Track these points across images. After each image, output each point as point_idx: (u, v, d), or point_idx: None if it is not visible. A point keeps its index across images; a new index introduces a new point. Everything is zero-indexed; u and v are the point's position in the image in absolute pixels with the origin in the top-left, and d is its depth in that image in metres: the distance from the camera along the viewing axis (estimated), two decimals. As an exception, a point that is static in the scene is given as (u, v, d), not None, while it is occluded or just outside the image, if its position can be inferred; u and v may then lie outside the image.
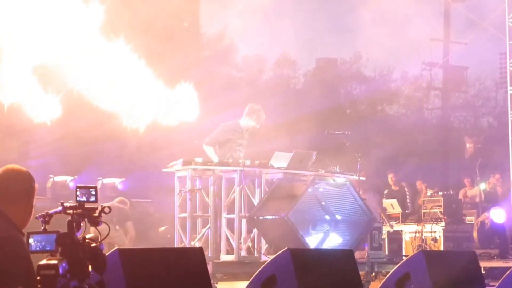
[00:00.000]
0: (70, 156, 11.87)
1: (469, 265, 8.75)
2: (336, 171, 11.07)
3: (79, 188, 4.39)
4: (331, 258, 8.01)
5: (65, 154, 11.86)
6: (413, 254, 8.71)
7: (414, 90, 28.80)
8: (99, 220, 4.43)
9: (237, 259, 10.37)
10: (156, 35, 13.33)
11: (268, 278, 7.37)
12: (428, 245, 14.19)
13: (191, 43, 17.81)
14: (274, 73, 28.94)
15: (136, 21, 9.41)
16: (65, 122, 8.34)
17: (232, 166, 10.47)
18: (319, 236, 10.68)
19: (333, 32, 26.94)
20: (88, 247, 4.44)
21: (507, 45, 16.13)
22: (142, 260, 6.54)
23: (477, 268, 8.94)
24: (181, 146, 12.79)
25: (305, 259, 7.67)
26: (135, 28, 8.59)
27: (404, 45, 25.96)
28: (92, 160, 11.71)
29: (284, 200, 10.43)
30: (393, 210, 15.27)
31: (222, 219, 10.59)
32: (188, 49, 15.80)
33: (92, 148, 11.25)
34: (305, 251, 8.84)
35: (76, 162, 12.14)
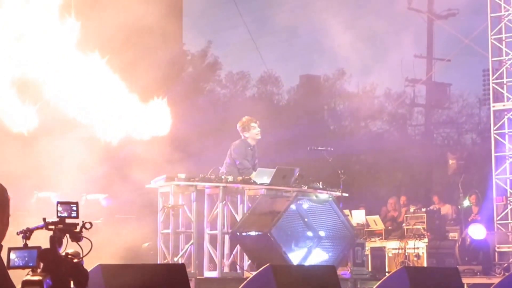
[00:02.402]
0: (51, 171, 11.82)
1: (451, 281, 8.78)
2: (319, 187, 11.08)
3: (60, 203, 4.39)
4: (314, 274, 8.02)
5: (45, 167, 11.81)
6: (396, 270, 8.72)
7: (397, 106, 28.94)
8: (81, 236, 4.43)
9: (220, 275, 10.36)
10: (136, 51, 13.35)
11: (251, 294, 7.37)
12: (411, 262, 14.21)
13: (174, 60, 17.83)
14: (258, 90, 29.02)
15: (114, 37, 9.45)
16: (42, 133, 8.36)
17: (214, 182, 10.47)
18: (302, 252, 10.68)
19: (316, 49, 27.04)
20: (70, 262, 4.44)
21: (490, 62, 16.25)
22: (124, 276, 6.52)
23: (460, 284, 8.98)
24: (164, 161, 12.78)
25: (287, 275, 7.68)
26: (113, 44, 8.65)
27: (387, 61, 26.09)
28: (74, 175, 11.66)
29: (267, 216, 10.43)
30: (376, 227, 15.30)
31: (205, 235, 10.57)
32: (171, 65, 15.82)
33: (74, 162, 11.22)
34: (287, 268, 8.84)
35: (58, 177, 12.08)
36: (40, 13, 7.33)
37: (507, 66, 15.88)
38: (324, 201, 10.89)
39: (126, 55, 11.71)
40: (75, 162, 10.83)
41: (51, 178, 11.98)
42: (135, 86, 8.08)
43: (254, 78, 28.69)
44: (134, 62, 12.70)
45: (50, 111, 7.36)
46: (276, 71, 28.80)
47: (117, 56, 8.14)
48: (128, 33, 11.77)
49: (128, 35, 12.23)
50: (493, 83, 16.11)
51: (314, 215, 10.90)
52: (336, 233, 10.88)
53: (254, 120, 11.22)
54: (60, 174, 11.71)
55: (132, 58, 12.59)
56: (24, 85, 7.26)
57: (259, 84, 29.04)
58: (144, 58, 14.42)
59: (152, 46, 15.83)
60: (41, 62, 7.25)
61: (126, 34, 11.07)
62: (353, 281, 10.81)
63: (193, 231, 10.44)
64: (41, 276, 4.28)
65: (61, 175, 11.69)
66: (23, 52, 7.19)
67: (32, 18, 7.28)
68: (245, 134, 11.19)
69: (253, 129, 11.14)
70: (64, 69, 7.35)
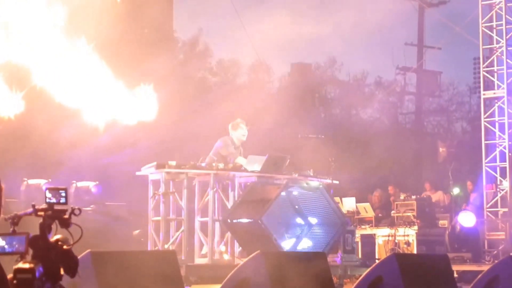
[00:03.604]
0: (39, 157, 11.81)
1: (441, 268, 8.80)
2: (309, 175, 11.10)
3: (49, 189, 4.36)
4: (304, 261, 8.02)
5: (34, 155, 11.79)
6: (386, 257, 8.73)
7: (388, 94, 28.96)
8: (70, 222, 4.41)
9: (210, 262, 10.37)
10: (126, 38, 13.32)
11: (241, 280, 7.38)
12: (401, 249, 14.26)
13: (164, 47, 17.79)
14: (249, 78, 28.99)
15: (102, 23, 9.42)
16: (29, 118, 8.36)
17: (205, 169, 10.48)
18: (293, 239, 10.70)
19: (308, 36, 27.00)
20: (60, 249, 4.43)
21: (481, 50, 16.26)
22: (114, 262, 6.53)
23: (449, 271, 8.99)
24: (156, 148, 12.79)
25: (277, 261, 7.69)
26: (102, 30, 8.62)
27: (378, 49, 26.13)
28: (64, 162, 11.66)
29: (258, 204, 10.45)
30: (366, 214, 15.35)
31: (196, 222, 10.58)
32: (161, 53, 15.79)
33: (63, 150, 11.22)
34: (277, 254, 8.86)
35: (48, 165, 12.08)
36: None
37: (498, 54, 15.90)
38: (314, 189, 10.91)
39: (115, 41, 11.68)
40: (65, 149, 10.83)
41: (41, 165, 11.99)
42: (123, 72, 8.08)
43: (245, 66, 28.66)
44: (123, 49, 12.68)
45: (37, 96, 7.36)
46: (267, 59, 28.78)
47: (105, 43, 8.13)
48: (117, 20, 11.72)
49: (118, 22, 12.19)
50: (483, 71, 16.13)
51: (305, 202, 10.92)
52: (326, 220, 10.91)
53: (244, 123, 11.40)
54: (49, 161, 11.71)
55: (121, 45, 12.57)
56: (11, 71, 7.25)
57: (250, 72, 29.02)
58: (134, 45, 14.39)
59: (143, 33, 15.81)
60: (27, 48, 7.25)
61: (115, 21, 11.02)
62: (343, 267, 10.85)
63: (183, 218, 10.45)
64: (33, 263, 4.27)
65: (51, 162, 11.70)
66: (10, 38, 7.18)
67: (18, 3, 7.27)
68: (232, 132, 11.28)
69: (240, 129, 11.31)
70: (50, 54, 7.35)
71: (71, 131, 9.75)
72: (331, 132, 23.07)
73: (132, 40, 14.36)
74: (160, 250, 9.86)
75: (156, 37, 17.19)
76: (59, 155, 13.89)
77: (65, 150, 13.85)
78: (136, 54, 14.63)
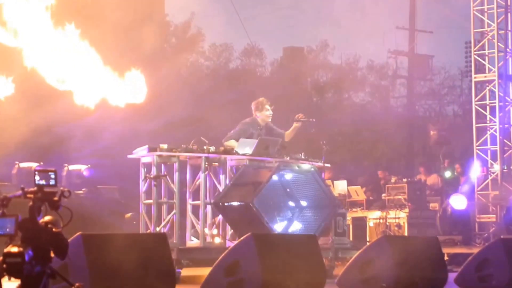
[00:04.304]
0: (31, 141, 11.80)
1: (431, 251, 8.85)
2: (301, 158, 11.12)
3: (38, 171, 4.35)
4: (295, 243, 8.07)
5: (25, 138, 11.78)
6: (376, 239, 8.78)
7: (379, 78, 28.98)
8: (59, 204, 4.41)
9: (202, 245, 10.40)
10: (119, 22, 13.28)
11: (232, 263, 7.41)
12: (392, 231, 14.33)
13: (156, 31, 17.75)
14: (241, 62, 28.94)
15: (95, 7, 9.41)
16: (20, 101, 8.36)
17: (197, 153, 10.48)
18: (284, 222, 10.73)
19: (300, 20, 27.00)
20: (50, 232, 4.43)
21: (472, 33, 16.28)
22: (104, 245, 6.55)
23: (440, 253, 9.05)
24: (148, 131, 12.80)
25: (268, 244, 7.72)
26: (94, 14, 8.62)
27: (370, 33, 26.09)
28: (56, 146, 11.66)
29: (249, 187, 10.46)
30: (357, 197, 15.40)
31: (188, 205, 10.60)
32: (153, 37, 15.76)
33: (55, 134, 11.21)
34: (268, 236, 8.88)
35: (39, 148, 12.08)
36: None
37: (489, 37, 15.92)
38: (306, 172, 10.93)
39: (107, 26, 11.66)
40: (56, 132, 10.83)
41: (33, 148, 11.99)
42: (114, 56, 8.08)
43: (237, 50, 28.61)
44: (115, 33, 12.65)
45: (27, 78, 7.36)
46: (259, 43, 28.73)
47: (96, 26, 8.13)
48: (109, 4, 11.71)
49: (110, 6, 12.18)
50: (475, 55, 16.15)
51: (296, 186, 10.94)
52: (318, 203, 10.93)
53: (269, 103, 11.40)
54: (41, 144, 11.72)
55: (112, 29, 12.53)
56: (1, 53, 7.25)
57: (243, 56, 28.97)
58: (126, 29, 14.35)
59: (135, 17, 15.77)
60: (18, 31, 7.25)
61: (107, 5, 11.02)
62: (334, 250, 10.89)
63: (175, 201, 10.46)
64: (22, 247, 4.28)
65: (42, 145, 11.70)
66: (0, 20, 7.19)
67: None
68: (257, 113, 11.36)
69: (265, 111, 11.33)
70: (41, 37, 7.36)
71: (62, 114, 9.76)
72: (323, 115, 23.08)
73: (124, 24, 14.32)
74: (151, 233, 9.87)
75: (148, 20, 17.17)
76: (51, 139, 13.89)
77: (57, 134, 13.85)
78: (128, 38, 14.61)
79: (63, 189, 4.41)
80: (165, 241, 7.05)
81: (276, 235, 9.66)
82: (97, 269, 6.31)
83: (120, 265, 6.44)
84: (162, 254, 6.87)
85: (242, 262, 7.33)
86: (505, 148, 15.62)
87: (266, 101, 11.47)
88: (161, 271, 6.76)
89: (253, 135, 11.26)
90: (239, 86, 18.17)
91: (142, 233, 10.03)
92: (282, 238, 8.89)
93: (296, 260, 7.65)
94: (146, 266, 6.63)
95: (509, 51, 15.84)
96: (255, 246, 7.38)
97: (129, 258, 6.52)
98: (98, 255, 6.39)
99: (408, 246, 8.80)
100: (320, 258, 8.02)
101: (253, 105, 11.50)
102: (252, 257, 7.33)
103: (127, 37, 14.16)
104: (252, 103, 11.53)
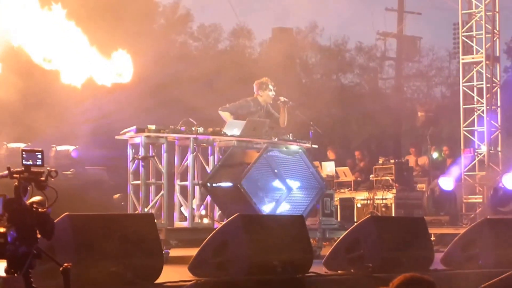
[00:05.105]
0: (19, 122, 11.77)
1: (418, 231, 8.90)
2: (289, 139, 11.14)
3: (25, 151, 4.35)
4: (282, 224, 8.09)
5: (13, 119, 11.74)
6: (363, 219, 8.82)
7: (368, 59, 28.98)
8: (46, 184, 4.41)
9: (190, 225, 10.42)
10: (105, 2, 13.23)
11: (220, 243, 7.44)
12: (380, 212, 14.39)
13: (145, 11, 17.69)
14: (230, 43, 28.89)
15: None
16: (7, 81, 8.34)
17: (185, 133, 10.48)
18: (272, 203, 10.76)
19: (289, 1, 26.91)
20: (36, 212, 4.43)
21: (460, 14, 16.29)
22: (92, 225, 6.55)
23: (426, 233, 9.10)
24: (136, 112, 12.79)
25: (255, 224, 7.75)
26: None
27: (358, 14, 26.07)
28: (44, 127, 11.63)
29: (237, 168, 10.48)
30: (345, 178, 15.45)
31: (176, 186, 10.61)
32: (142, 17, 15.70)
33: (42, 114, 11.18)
34: (255, 217, 8.91)
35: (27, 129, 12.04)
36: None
37: (477, 19, 15.94)
38: (294, 153, 10.95)
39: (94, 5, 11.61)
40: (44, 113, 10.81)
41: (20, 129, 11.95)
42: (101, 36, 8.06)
43: (226, 31, 28.56)
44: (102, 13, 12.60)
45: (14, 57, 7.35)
46: (248, 24, 28.69)
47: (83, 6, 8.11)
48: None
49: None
50: (462, 36, 16.17)
51: (284, 166, 10.97)
52: (305, 184, 10.97)
53: (272, 83, 11.35)
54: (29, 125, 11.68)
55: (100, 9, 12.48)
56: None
57: (231, 37, 28.91)
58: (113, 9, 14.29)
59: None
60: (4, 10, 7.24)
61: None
62: (321, 230, 10.93)
63: (163, 182, 10.47)
64: (5, 227, 4.27)
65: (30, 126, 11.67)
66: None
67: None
68: (260, 92, 11.32)
69: (268, 91, 11.30)
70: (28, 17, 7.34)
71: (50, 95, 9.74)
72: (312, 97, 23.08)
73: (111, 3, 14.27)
74: (139, 214, 9.88)
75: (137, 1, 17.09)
76: (39, 120, 13.86)
77: (44, 115, 13.81)
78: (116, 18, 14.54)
79: (50, 169, 4.41)
80: (153, 221, 7.06)
81: (264, 216, 9.70)
82: (84, 250, 6.32)
83: (107, 246, 6.45)
84: (150, 235, 6.88)
85: (230, 243, 7.36)
86: (492, 129, 15.69)
87: (270, 81, 11.44)
88: (148, 251, 6.78)
89: (253, 114, 11.23)
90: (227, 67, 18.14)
91: (130, 214, 10.04)
92: (270, 218, 8.91)
93: (284, 241, 7.68)
94: (134, 246, 6.65)
95: (497, 32, 15.87)
96: (243, 227, 7.41)
97: (116, 238, 6.53)
98: (85, 236, 6.39)
99: (395, 227, 8.85)
100: (307, 238, 8.05)
101: (255, 85, 11.44)
102: (239, 237, 7.36)
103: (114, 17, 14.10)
104: (255, 82, 11.47)
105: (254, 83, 11.48)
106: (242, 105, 11.32)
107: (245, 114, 11.17)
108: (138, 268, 6.56)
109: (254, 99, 11.41)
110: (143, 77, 9.96)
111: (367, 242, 8.23)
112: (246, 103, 11.34)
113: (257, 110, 11.33)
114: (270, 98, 11.39)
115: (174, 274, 7.20)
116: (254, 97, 11.44)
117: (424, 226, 9.05)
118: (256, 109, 11.33)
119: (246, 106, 11.30)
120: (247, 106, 11.30)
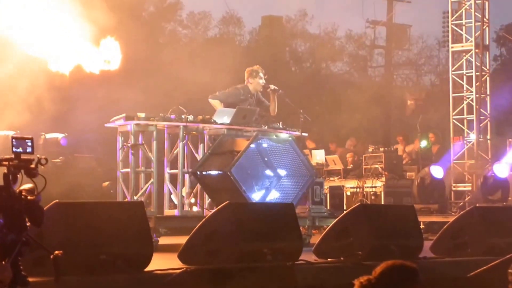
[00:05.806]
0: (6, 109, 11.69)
1: (407, 219, 8.92)
2: (279, 127, 11.14)
3: (15, 139, 4.33)
4: (272, 212, 8.10)
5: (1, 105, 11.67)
6: (353, 207, 8.83)
7: (357, 48, 28.98)
8: (36, 172, 4.39)
9: (180, 213, 10.42)
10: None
11: (209, 231, 7.44)
12: (369, 200, 14.42)
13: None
14: (220, 30, 28.83)
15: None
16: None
17: (175, 121, 10.46)
18: (262, 191, 10.76)
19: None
20: (25, 200, 4.41)
21: (450, 3, 16.30)
22: (81, 213, 6.54)
23: (415, 221, 9.12)
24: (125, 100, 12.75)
25: (245, 212, 7.76)
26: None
27: (348, 2, 26.05)
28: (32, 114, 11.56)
29: (227, 156, 10.47)
30: (335, 166, 15.46)
31: (165, 174, 10.60)
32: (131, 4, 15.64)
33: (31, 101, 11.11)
34: (245, 205, 8.93)
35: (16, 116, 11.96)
36: None
37: (466, 7, 15.95)
38: (284, 141, 10.95)
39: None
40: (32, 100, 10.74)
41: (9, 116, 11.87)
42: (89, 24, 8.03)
43: (215, 19, 28.50)
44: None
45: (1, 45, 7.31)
46: (238, 12, 28.63)
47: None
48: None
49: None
50: (452, 25, 16.19)
51: (274, 155, 10.97)
52: (295, 172, 10.97)
53: (263, 72, 11.34)
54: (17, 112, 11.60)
55: None
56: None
57: (221, 25, 28.86)
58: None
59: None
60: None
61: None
62: (311, 218, 10.94)
63: (153, 170, 10.45)
64: (-6, 215, 4.26)
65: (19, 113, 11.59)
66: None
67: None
68: (250, 80, 11.33)
69: (259, 79, 11.31)
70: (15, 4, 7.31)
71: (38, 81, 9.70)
72: (301, 85, 23.09)
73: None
74: (128, 201, 9.86)
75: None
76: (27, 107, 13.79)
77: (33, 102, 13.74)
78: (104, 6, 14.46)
79: (40, 157, 4.39)
80: (142, 209, 7.05)
81: (254, 204, 9.70)
82: (73, 238, 6.31)
83: (97, 234, 6.44)
84: (139, 223, 6.88)
85: (219, 231, 7.36)
86: (481, 118, 15.74)
87: (261, 69, 11.43)
88: (138, 239, 6.77)
89: (243, 102, 11.22)
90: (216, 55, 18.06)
91: (119, 201, 10.03)
92: (260, 206, 8.93)
93: (273, 229, 7.69)
94: (123, 234, 6.64)
95: (486, 21, 15.89)
96: (233, 214, 7.41)
97: (106, 226, 6.52)
98: (74, 224, 6.39)
99: (384, 215, 8.87)
100: (296, 226, 8.06)
101: (246, 72, 11.44)
102: (229, 225, 7.37)
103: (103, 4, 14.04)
104: (246, 70, 11.47)
105: (245, 71, 11.47)
106: (232, 93, 11.30)
107: (235, 102, 11.16)
108: (127, 256, 6.56)
109: (244, 86, 11.40)
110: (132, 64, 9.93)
111: (356, 230, 8.25)
112: (236, 91, 11.33)
113: (247, 98, 11.31)
114: (260, 86, 11.39)
115: (163, 262, 7.20)
116: (244, 84, 11.43)
117: (413, 214, 9.08)
118: (246, 97, 11.32)
119: (236, 94, 11.29)
120: (237, 93, 11.29)
